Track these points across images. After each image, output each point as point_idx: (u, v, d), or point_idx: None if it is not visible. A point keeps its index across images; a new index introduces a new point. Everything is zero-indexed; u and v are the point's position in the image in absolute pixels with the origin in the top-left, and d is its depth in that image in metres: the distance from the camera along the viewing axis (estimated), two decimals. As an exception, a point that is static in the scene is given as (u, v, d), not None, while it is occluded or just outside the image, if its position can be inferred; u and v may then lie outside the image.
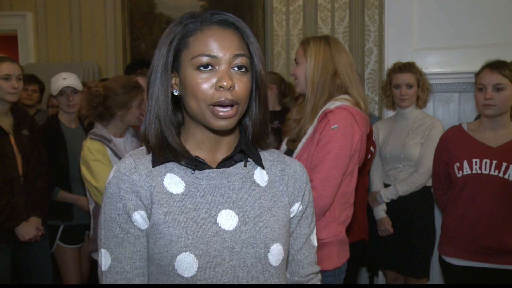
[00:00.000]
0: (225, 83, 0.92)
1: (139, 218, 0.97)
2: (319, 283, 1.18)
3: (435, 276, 2.81)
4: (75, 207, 2.80)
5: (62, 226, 2.79)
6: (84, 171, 2.25)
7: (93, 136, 2.28)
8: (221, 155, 1.03)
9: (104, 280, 1.00)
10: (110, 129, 2.35)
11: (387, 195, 2.65)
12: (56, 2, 4.58)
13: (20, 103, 2.86)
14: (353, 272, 2.54)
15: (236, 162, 1.04)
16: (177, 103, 1.02)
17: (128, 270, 0.98)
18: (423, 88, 2.68)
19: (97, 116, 2.31)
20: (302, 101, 1.96)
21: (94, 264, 3.01)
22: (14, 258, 2.54)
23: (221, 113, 0.93)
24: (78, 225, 2.83)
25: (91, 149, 2.23)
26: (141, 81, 2.52)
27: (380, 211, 2.69)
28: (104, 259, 0.99)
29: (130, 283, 0.99)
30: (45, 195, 2.62)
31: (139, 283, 1.00)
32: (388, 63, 2.87)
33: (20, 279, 2.69)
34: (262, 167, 1.06)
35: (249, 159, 1.05)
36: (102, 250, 1.00)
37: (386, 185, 2.72)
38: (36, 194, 2.55)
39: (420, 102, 2.71)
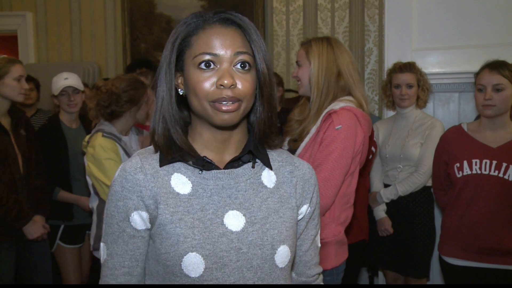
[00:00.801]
0: (225, 82, 0.92)
1: (138, 218, 0.98)
2: (322, 283, 1.19)
3: (435, 276, 2.81)
4: (76, 207, 2.81)
5: (62, 226, 2.79)
6: (92, 168, 2.23)
7: (105, 134, 2.26)
8: (229, 156, 1.02)
9: (102, 272, 1.04)
10: (118, 127, 2.35)
11: (387, 195, 2.65)
12: (56, 2, 4.58)
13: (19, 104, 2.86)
14: (354, 272, 2.54)
15: (244, 162, 1.03)
16: (185, 102, 1.02)
17: (116, 267, 1.01)
18: (423, 88, 2.67)
19: (108, 115, 2.30)
20: (304, 102, 1.96)
21: (94, 264, 3.02)
22: (15, 257, 2.55)
23: (223, 107, 0.93)
24: (78, 225, 2.83)
25: (104, 147, 2.21)
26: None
27: (380, 211, 2.69)
28: (102, 252, 1.04)
29: (116, 280, 1.01)
30: (45, 194, 2.63)
31: (124, 283, 1.01)
32: (388, 63, 2.87)
33: (20, 278, 2.69)
34: (270, 168, 1.05)
35: (257, 160, 1.04)
36: (102, 244, 1.04)
37: (386, 185, 2.72)
38: (37, 193, 2.57)
39: (420, 102, 2.70)
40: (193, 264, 0.94)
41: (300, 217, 1.09)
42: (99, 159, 2.19)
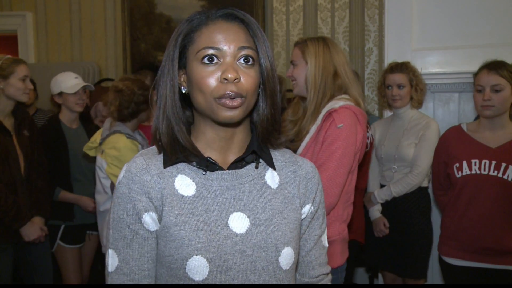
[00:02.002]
0: (229, 75, 0.90)
1: (149, 219, 0.96)
2: (329, 283, 1.17)
3: (435, 276, 2.81)
4: (76, 207, 2.81)
5: (63, 226, 2.80)
6: (116, 170, 2.25)
7: (129, 136, 2.31)
8: (232, 156, 1.01)
9: (110, 281, 0.98)
10: (130, 127, 2.40)
11: (381, 195, 2.64)
12: (56, 2, 4.58)
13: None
14: (351, 272, 2.54)
15: (248, 163, 1.02)
16: (188, 101, 1.01)
17: (136, 271, 0.97)
18: (416, 89, 2.63)
19: (129, 115, 2.36)
20: (297, 102, 1.96)
21: (94, 264, 3.03)
22: (15, 257, 2.54)
23: (228, 103, 0.92)
24: (79, 225, 2.84)
25: (130, 148, 2.26)
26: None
27: (375, 212, 2.68)
28: (111, 260, 0.98)
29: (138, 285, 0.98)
30: (46, 195, 2.63)
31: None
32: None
33: (20, 279, 2.69)
34: (274, 168, 1.04)
35: (260, 160, 1.03)
36: (110, 251, 0.98)
37: (382, 186, 2.71)
38: (38, 194, 2.56)
39: (414, 103, 2.66)
40: (198, 268, 0.93)
41: (302, 216, 1.08)
42: (125, 161, 2.22)
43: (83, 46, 4.57)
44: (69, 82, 2.80)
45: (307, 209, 1.08)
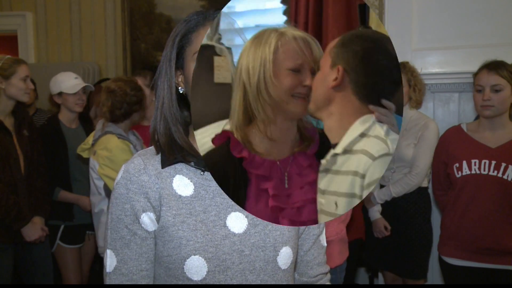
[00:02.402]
0: None
1: (147, 219, 0.96)
2: (328, 283, 1.17)
3: (435, 276, 2.81)
4: (76, 207, 2.81)
5: (62, 226, 2.80)
6: (107, 170, 2.24)
7: (120, 136, 2.31)
8: None
9: (108, 282, 0.98)
10: (123, 128, 2.40)
11: (381, 196, 2.63)
12: (56, 2, 4.57)
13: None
14: (352, 271, 2.54)
15: None
16: (186, 102, 1.01)
17: (134, 272, 0.97)
18: (414, 89, 2.60)
19: (121, 116, 2.36)
20: None
21: (94, 264, 3.02)
22: (15, 258, 2.55)
23: None
24: (78, 225, 2.84)
25: (122, 149, 2.25)
26: (139, 81, 2.58)
27: (375, 212, 2.67)
28: (109, 260, 0.98)
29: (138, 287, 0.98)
30: (46, 195, 2.63)
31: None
32: (388, 63, 2.86)
33: (21, 279, 2.69)
34: None
35: None
36: (108, 251, 0.98)
37: (381, 186, 2.71)
38: (37, 195, 2.56)
39: (413, 103, 2.63)
40: (196, 268, 0.93)
41: None
42: (117, 161, 2.21)
43: (83, 46, 4.57)
44: (69, 82, 2.79)
45: None
